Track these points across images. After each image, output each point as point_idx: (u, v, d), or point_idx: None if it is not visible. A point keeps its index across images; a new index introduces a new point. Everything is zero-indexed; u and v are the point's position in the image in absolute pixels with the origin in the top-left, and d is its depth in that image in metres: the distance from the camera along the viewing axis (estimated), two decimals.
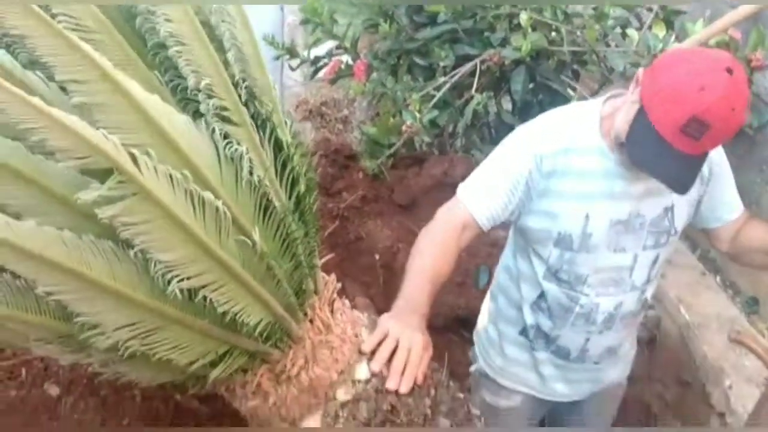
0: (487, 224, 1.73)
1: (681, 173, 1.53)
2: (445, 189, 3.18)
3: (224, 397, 1.52)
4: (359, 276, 2.95)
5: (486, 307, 2.12)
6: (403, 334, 1.41)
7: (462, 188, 1.77)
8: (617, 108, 1.63)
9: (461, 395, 1.60)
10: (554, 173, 1.70)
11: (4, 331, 0.96)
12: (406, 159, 3.31)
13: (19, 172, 0.84)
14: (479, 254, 2.90)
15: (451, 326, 2.85)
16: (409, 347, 1.39)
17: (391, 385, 1.36)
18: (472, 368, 2.18)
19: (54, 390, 1.58)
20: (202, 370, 1.20)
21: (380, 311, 1.65)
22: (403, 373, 1.37)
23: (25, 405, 1.53)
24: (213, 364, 1.20)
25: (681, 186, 1.55)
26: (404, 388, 1.36)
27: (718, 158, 1.81)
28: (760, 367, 2.38)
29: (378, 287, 2.96)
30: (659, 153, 1.49)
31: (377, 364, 1.38)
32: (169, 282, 1.01)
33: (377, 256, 2.98)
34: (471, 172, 3.20)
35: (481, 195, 1.73)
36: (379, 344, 1.40)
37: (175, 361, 1.11)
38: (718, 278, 2.94)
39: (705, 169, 1.77)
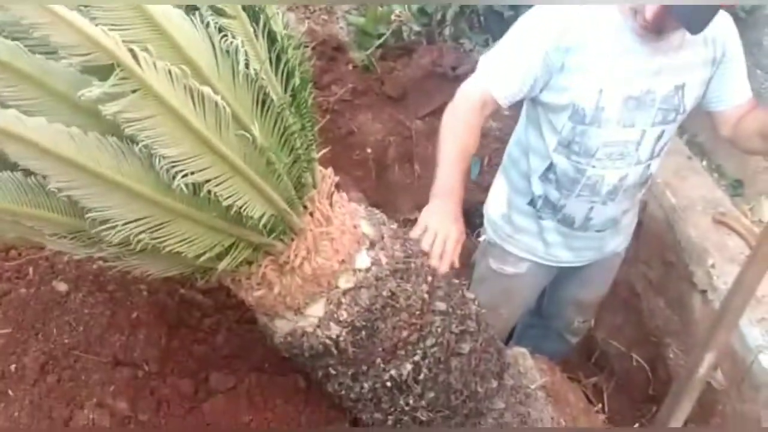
0: (506, 102, 1.80)
1: (695, 13, 1.56)
2: (436, 79, 3.16)
3: (227, 290, 1.57)
4: (352, 170, 2.97)
5: (497, 180, 2.21)
6: (441, 227, 1.57)
7: (481, 66, 1.82)
8: None
9: (456, 281, 1.67)
10: (572, 49, 1.73)
11: (19, 227, 0.99)
12: (394, 49, 3.26)
13: (20, 71, 0.84)
14: None
15: None
16: (445, 238, 1.56)
17: (433, 263, 1.55)
18: (481, 238, 2.30)
19: (62, 287, 1.62)
20: (210, 263, 1.24)
21: (373, 204, 1.69)
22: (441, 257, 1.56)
23: (36, 302, 1.57)
24: (220, 257, 1.23)
25: (694, 24, 1.59)
26: (443, 269, 1.56)
27: (732, 42, 1.85)
28: (742, 246, 2.48)
29: (371, 181, 2.99)
30: None
31: None
32: (173, 177, 1.03)
33: (369, 150, 2.99)
34: (461, 61, 3.17)
35: (500, 73, 1.78)
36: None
37: (184, 254, 1.15)
38: (704, 162, 2.99)
39: (719, 50, 1.82)
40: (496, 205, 2.20)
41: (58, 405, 1.44)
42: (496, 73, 1.79)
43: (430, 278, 1.55)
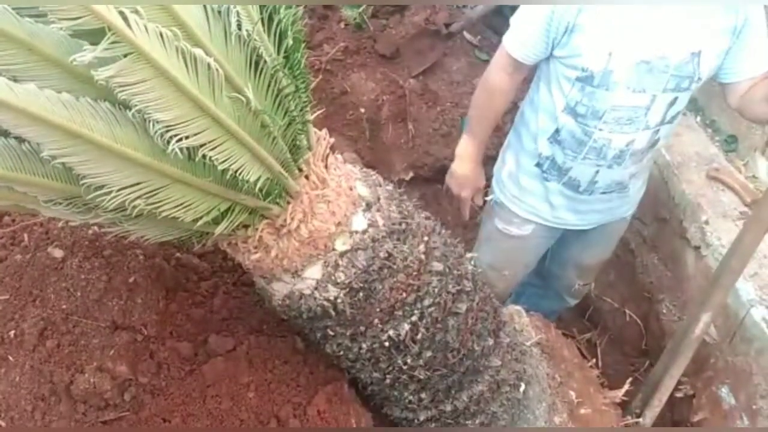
0: (528, 61, 1.92)
1: None
2: (429, 36, 3.11)
3: (223, 253, 1.57)
4: (345, 131, 2.95)
5: (508, 139, 2.25)
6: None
7: (507, 38, 1.93)
8: None
9: (452, 240, 1.67)
10: (585, 8, 1.73)
11: (14, 194, 0.98)
12: (386, 6, 3.20)
13: (8, 34, 0.82)
14: (464, 104, 2.90)
15: (438, 177, 2.91)
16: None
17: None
18: (489, 198, 2.31)
19: (58, 252, 1.61)
20: (206, 227, 1.23)
21: (367, 165, 1.68)
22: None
23: (32, 268, 1.57)
24: (216, 221, 1.23)
25: None
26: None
27: (754, 15, 1.81)
28: (736, 201, 2.48)
29: (364, 141, 2.97)
30: None
31: None
32: (168, 142, 1.02)
33: (363, 110, 2.96)
34: (454, 18, 3.11)
35: (517, 33, 1.89)
36: None
37: (181, 219, 1.14)
38: (698, 118, 2.98)
39: (740, 18, 1.78)
40: (505, 164, 2.21)
41: (58, 369, 1.45)
42: (515, 34, 1.89)
43: (426, 239, 1.55)
